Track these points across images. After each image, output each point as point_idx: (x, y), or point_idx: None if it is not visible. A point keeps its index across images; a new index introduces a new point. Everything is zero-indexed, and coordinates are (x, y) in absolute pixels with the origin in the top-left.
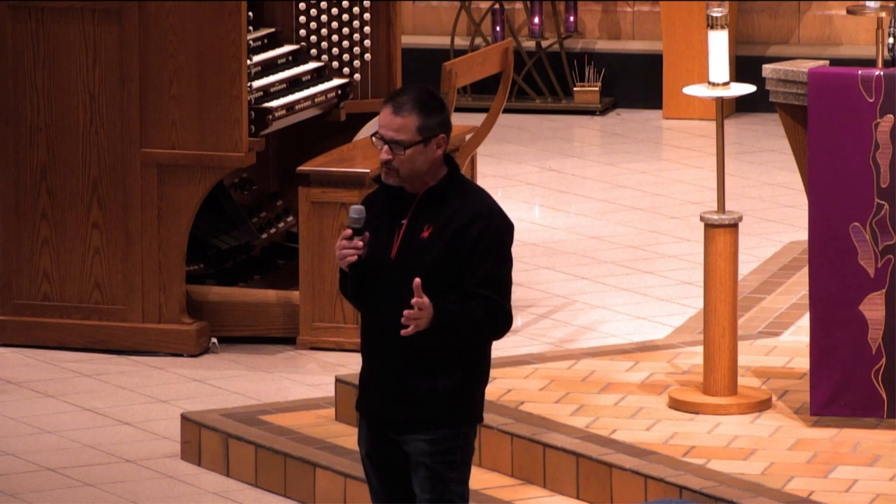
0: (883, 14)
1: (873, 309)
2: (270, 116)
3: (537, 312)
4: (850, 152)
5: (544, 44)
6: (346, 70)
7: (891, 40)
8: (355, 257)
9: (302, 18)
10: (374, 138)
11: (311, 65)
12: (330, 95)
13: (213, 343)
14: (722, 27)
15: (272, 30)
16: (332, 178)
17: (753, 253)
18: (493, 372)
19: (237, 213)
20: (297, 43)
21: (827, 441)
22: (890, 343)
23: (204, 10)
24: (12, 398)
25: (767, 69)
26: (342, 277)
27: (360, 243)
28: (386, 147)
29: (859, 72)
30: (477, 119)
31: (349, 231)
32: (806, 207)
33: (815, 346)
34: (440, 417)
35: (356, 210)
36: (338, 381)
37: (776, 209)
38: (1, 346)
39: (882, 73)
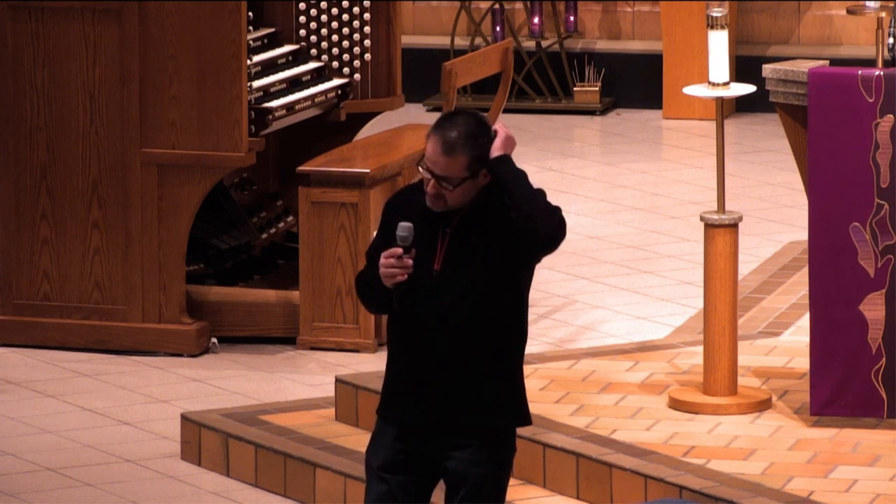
0: (883, 14)
1: (873, 309)
2: (270, 116)
3: (537, 312)
4: (850, 152)
5: (544, 44)
6: (346, 70)
7: (891, 40)
8: (405, 276)
9: (302, 18)
10: (421, 168)
11: (311, 65)
12: (330, 95)
13: (213, 343)
14: (722, 27)
15: (272, 30)
16: (332, 178)
17: (753, 253)
18: None
19: (237, 213)
20: (297, 43)
21: (827, 441)
22: (890, 343)
23: (204, 10)
24: (12, 398)
25: (767, 69)
26: (366, 287)
27: (410, 262)
28: (433, 181)
29: (859, 72)
30: None
31: (399, 249)
32: (806, 207)
33: (815, 346)
34: (494, 420)
35: (405, 228)
36: (338, 381)
37: (776, 209)
38: (1, 346)
39: (882, 73)
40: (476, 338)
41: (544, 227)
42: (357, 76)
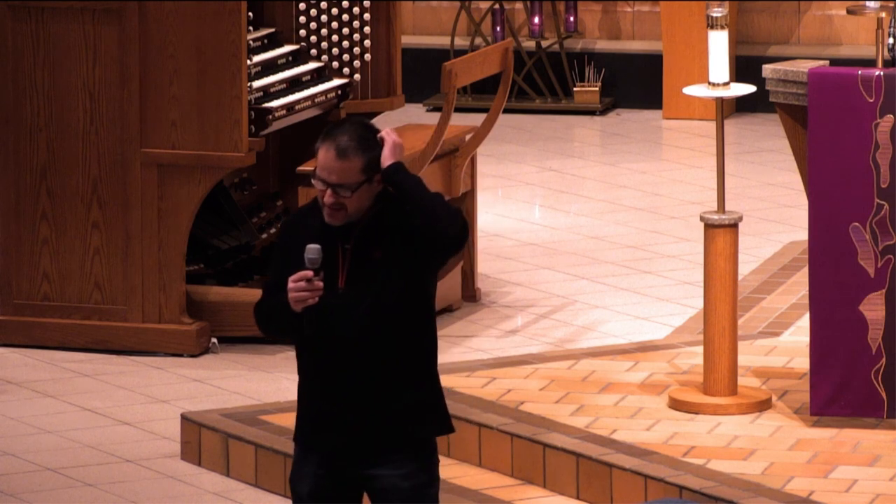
0: (883, 14)
1: (873, 309)
2: (270, 116)
3: (537, 312)
4: (850, 152)
5: (544, 44)
6: (346, 70)
7: (891, 40)
8: (315, 299)
9: (302, 18)
10: (315, 181)
11: (311, 65)
12: (330, 95)
13: (213, 343)
14: (722, 27)
15: (272, 30)
16: None
17: (753, 253)
18: (493, 372)
19: (237, 213)
20: (297, 43)
21: (827, 441)
22: (890, 343)
23: (204, 10)
24: (12, 398)
25: (767, 69)
26: (270, 315)
27: (321, 283)
28: (330, 191)
29: (859, 72)
30: (477, 119)
31: (309, 272)
32: (806, 207)
33: (815, 346)
34: (419, 430)
35: (314, 250)
36: None
37: (776, 209)
38: (1, 346)
39: (882, 73)
40: (389, 351)
41: (450, 230)
42: (357, 76)
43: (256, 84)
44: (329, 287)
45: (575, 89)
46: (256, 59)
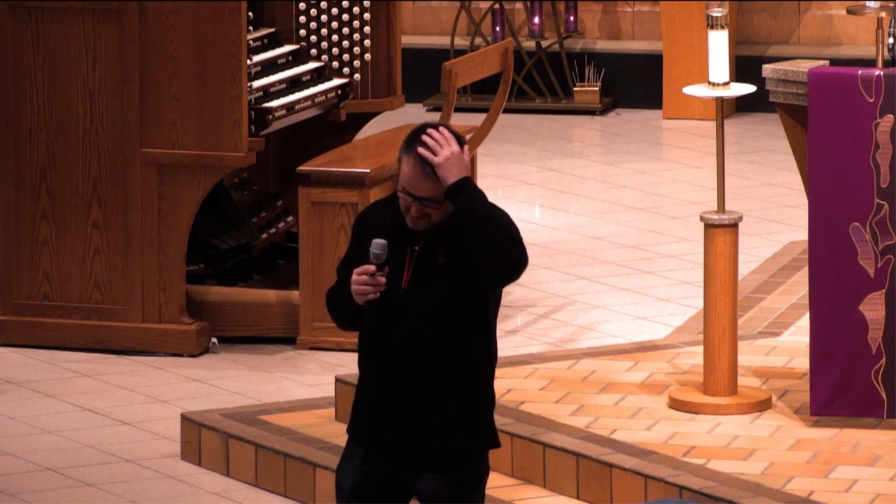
0: (883, 14)
1: (873, 309)
2: (270, 116)
3: (537, 312)
4: (850, 152)
5: (544, 44)
6: (346, 70)
7: (891, 40)
8: (377, 294)
9: (302, 18)
10: (401, 193)
11: (311, 65)
12: (330, 95)
13: (213, 343)
14: (722, 27)
15: (272, 30)
16: (332, 178)
17: (753, 253)
18: None
19: (237, 213)
20: (297, 43)
21: (827, 441)
22: (890, 343)
23: (204, 10)
24: (12, 398)
25: (767, 69)
26: (337, 303)
27: (383, 279)
28: (416, 204)
29: (859, 72)
30: (477, 119)
31: (372, 267)
32: (806, 207)
33: (815, 346)
34: (461, 442)
35: (380, 245)
36: (338, 381)
37: (776, 209)
38: (1, 346)
39: (882, 73)
40: (442, 359)
41: (501, 264)
42: (357, 76)
43: (256, 84)
44: (393, 286)
45: (575, 89)
46: (256, 59)
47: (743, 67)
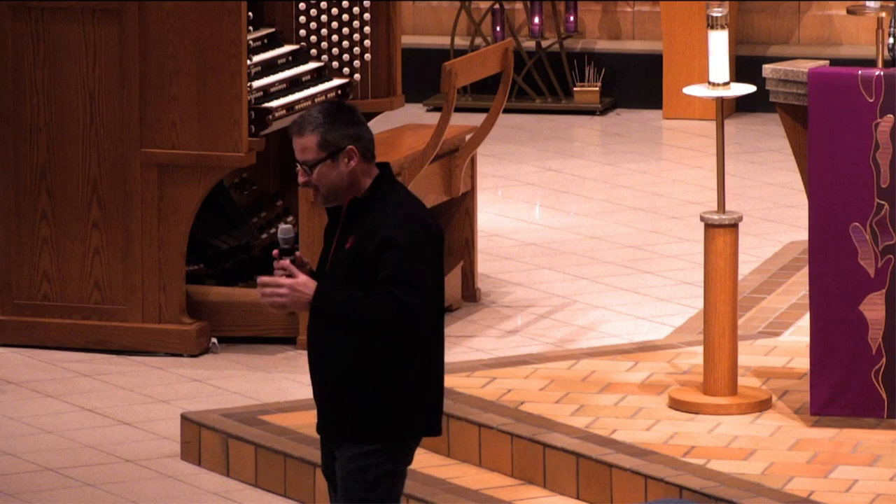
0: (883, 14)
1: (873, 309)
2: (270, 116)
3: (537, 312)
4: (850, 152)
5: (544, 44)
6: (346, 70)
7: (891, 40)
8: (285, 300)
9: (302, 18)
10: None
11: (311, 65)
12: (330, 95)
13: (213, 343)
14: (722, 27)
15: (272, 30)
16: None
17: (753, 253)
18: (493, 372)
19: (237, 213)
20: (297, 43)
21: (827, 441)
22: (890, 343)
23: (204, 10)
24: (12, 398)
25: (767, 69)
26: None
27: (286, 262)
28: (300, 169)
29: (859, 72)
30: (477, 119)
31: (276, 252)
32: (806, 207)
33: (815, 346)
34: (356, 429)
35: (284, 230)
36: None
37: (776, 209)
38: (1, 346)
39: (882, 73)
40: (341, 344)
41: (396, 331)
42: (357, 76)
43: (256, 84)
44: (323, 269)
45: (575, 89)
46: (256, 59)
47: (743, 67)
